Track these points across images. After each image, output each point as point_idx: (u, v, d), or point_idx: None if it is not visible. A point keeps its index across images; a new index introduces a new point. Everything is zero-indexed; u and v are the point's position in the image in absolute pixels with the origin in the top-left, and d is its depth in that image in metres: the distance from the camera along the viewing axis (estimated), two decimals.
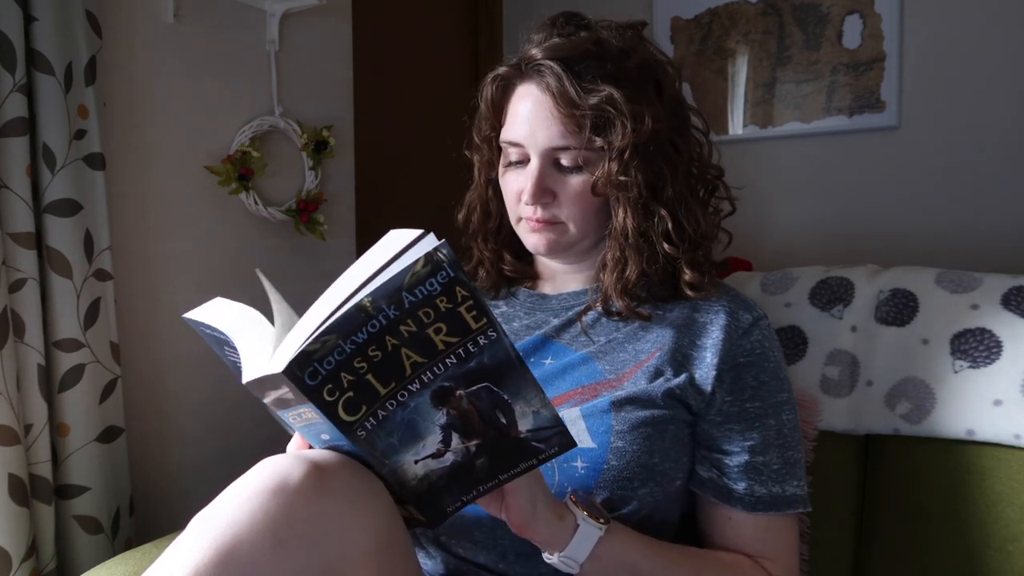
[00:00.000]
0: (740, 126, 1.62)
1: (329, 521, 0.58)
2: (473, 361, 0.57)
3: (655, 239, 0.81)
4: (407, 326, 0.54)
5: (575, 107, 0.78)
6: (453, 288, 0.53)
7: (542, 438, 0.62)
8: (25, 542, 0.95)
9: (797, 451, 0.82)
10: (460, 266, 0.53)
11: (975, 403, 0.94)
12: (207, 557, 0.54)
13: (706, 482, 0.80)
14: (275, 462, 0.60)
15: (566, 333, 0.87)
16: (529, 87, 0.83)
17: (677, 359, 0.80)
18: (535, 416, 0.61)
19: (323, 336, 0.53)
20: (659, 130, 0.80)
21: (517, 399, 0.60)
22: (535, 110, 0.81)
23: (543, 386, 0.82)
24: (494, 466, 0.63)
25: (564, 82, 0.78)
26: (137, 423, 1.16)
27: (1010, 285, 0.98)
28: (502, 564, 0.78)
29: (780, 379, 0.82)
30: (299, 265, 1.41)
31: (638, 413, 0.77)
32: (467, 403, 0.59)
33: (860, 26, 1.49)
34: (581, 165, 0.81)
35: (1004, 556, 0.90)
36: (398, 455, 0.61)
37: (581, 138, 0.79)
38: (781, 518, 0.80)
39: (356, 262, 0.55)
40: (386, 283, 0.52)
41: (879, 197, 1.50)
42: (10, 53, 0.94)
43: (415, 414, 0.59)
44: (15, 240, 0.96)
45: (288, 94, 1.36)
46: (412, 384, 0.57)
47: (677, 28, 1.68)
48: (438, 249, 0.52)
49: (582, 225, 0.84)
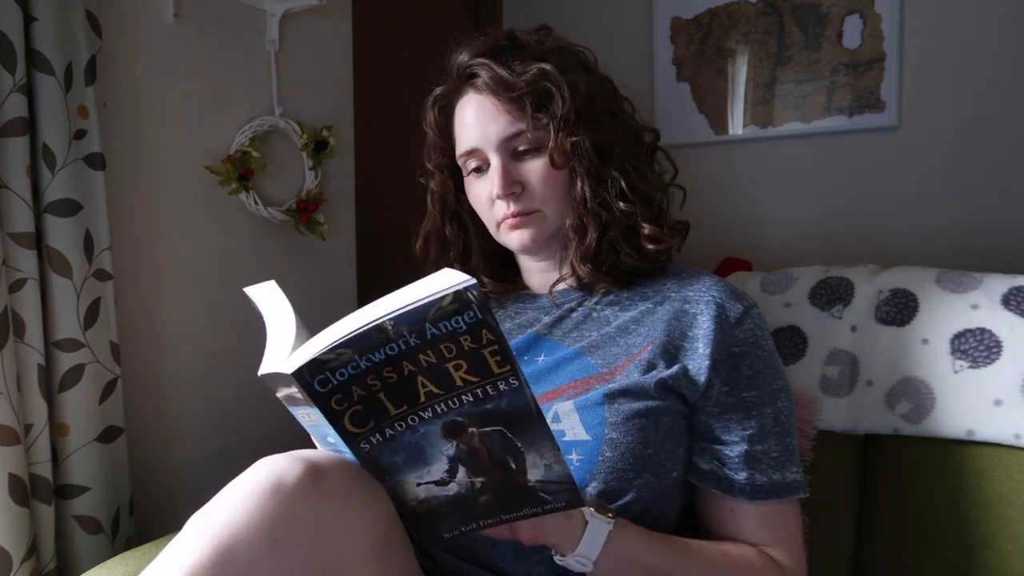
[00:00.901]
0: (740, 126, 1.62)
1: (326, 521, 0.58)
2: (490, 404, 0.56)
3: (611, 200, 0.85)
4: (427, 356, 0.54)
5: (512, 89, 0.83)
6: (479, 330, 0.53)
7: (550, 491, 0.61)
8: (26, 542, 0.95)
9: (793, 438, 0.83)
10: (489, 309, 0.52)
11: (975, 403, 0.94)
12: (204, 556, 0.54)
13: (707, 474, 0.81)
14: (272, 462, 0.60)
15: (557, 330, 0.88)
16: (468, 97, 0.88)
17: (669, 351, 0.81)
18: (547, 470, 0.60)
19: (339, 348, 0.53)
20: (594, 95, 0.86)
21: (531, 450, 0.59)
22: (479, 112, 0.86)
23: (537, 382, 0.83)
24: (497, 505, 0.62)
25: (496, 70, 0.83)
26: (137, 423, 1.16)
27: (1010, 285, 0.98)
28: (502, 563, 0.78)
29: (774, 367, 0.83)
30: (299, 265, 1.41)
31: (631, 404, 0.77)
32: (478, 441, 0.58)
33: (860, 26, 1.49)
34: (537, 147, 0.85)
35: (1004, 556, 0.90)
36: (401, 474, 0.61)
37: (527, 118, 0.83)
38: (783, 505, 0.80)
39: (403, 288, 0.54)
40: (410, 311, 0.52)
41: (879, 197, 1.50)
42: (10, 53, 0.94)
43: (423, 440, 0.58)
44: (15, 240, 0.96)
45: (288, 94, 1.36)
46: (424, 412, 0.57)
47: (677, 28, 1.68)
48: (469, 289, 0.51)
49: (556, 207, 0.86)
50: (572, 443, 0.77)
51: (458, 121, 0.90)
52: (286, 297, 0.67)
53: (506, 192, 0.85)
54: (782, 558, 0.79)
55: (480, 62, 0.85)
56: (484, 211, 0.90)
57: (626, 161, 0.86)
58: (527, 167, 0.85)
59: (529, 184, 0.85)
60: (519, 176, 0.85)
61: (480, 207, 0.91)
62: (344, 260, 1.51)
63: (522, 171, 0.86)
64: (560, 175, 0.85)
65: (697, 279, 0.86)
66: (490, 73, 0.84)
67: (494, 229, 0.91)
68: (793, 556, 0.80)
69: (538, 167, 0.85)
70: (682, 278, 0.87)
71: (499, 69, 0.83)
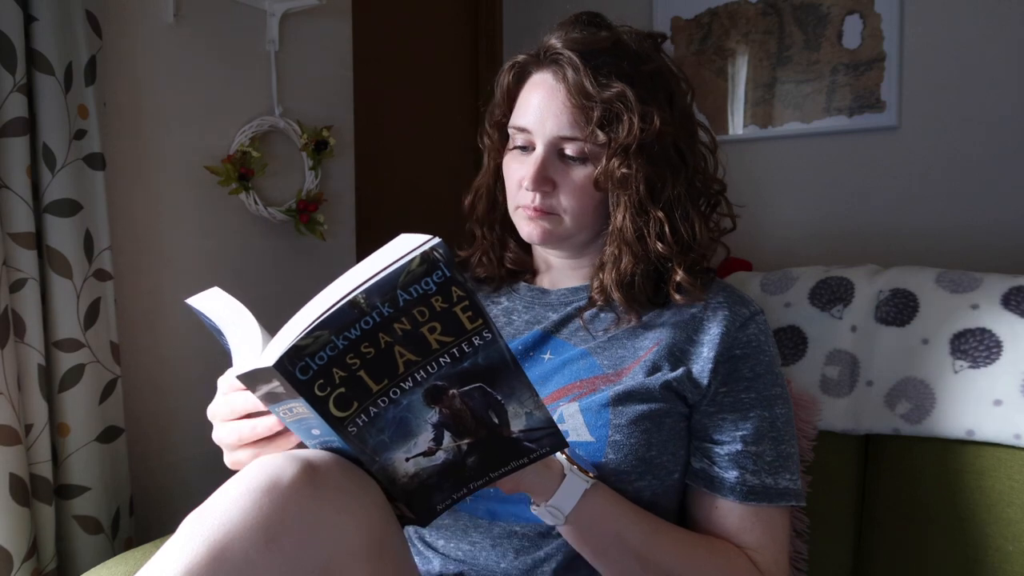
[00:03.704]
0: (740, 126, 1.62)
1: (322, 520, 0.58)
2: (467, 361, 0.57)
3: (648, 238, 0.83)
4: (401, 324, 0.54)
5: (588, 98, 0.80)
6: (449, 288, 0.53)
7: (534, 438, 0.62)
8: (26, 542, 0.95)
9: (791, 446, 0.82)
10: (456, 266, 0.52)
11: (975, 403, 0.94)
12: (199, 556, 0.54)
13: (698, 472, 0.81)
14: (268, 461, 0.60)
15: (565, 328, 0.87)
16: (544, 76, 0.84)
17: (675, 354, 0.81)
18: (528, 417, 0.61)
19: (315, 331, 0.53)
20: (665, 133, 0.81)
21: (510, 400, 0.60)
22: (547, 98, 0.83)
23: (544, 381, 0.83)
24: (485, 464, 0.63)
25: (580, 73, 0.80)
26: (137, 423, 1.16)
27: (1010, 285, 0.98)
28: (503, 563, 0.78)
29: (775, 374, 0.83)
30: (299, 265, 1.41)
31: (636, 407, 0.77)
32: (460, 402, 0.59)
33: (860, 26, 1.49)
34: (585, 158, 0.82)
35: (1004, 556, 0.90)
36: (389, 452, 0.61)
37: (588, 131, 0.80)
38: (769, 510, 0.80)
39: (361, 262, 0.55)
40: (381, 281, 0.52)
41: (879, 197, 1.50)
42: (10, 53, 0.94)
43: (407, 412, 0.59)
44: (15, 240, 0.96)
45: (288, 94, 1.36)
46: (405, 382, 0.57)
47: (677, 28, 1.68)
48: (435, 248, 0.51)
49: (578, 219, 0.84)
50: (576, 444, 0.77)
51: (524, 93, 0.87)
52: (234, 298, 0.67)
53: (536, 187, 0.83)
54: (762, 562, 0.78)
55: (569, 56, 0.81)
56: (511, 189, 0.88)
57: (676, 204, 0.83)
58: (567, 171, 0.83)
59: (562, 187, 0.83)
60: (555, 175, 0.83)
61: (509, 182, 0.89)
62: (344, 260, 1.51)
63: (560, 172, 0.83)
64: (596, 194, 0.83)
65: (705, 285, 0.86)
66: (573, 74, 0.80)
67: (512, 209, 0.89)
68: (775, 562, 0.79)
69: (578, 176, 0.83)
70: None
71: (583, 74, 0.80)
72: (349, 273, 0.54)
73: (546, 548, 0.78)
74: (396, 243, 0.53)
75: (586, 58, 0.81)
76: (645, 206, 0.82)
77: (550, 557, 0.78)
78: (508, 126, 0.88)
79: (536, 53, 0.86)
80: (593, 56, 0.81)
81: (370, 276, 0.52)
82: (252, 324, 0.62)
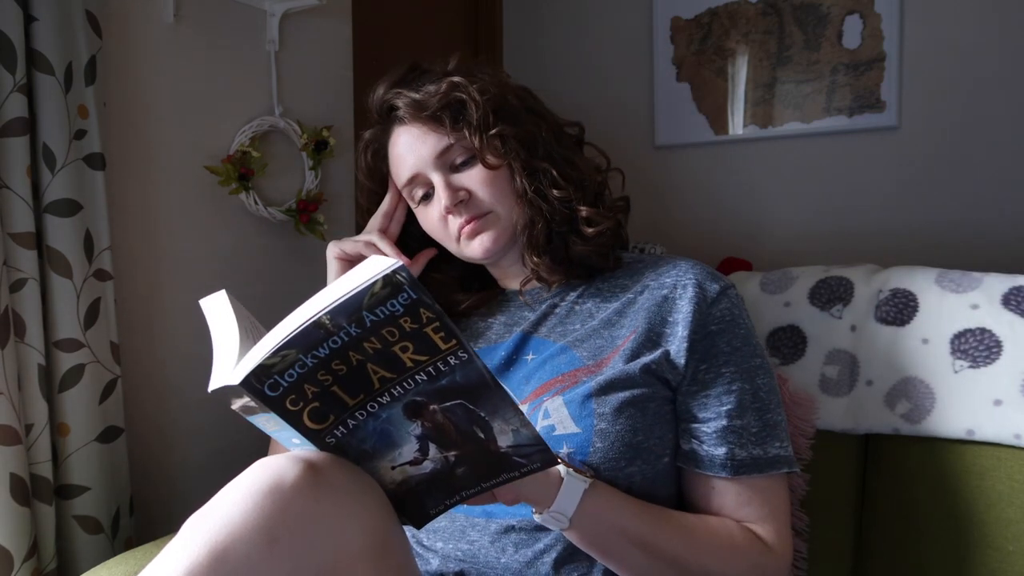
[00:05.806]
0: (740, 126, 1.62)
1: (324, 521, 0.58)
2: (444, 379, 0.57)
3: (546, 190, 0.88)
4: (371, 343, 0.54)
5: (428, 108, 0.87)
6: (416, 309, 0.53)
7: (523, 454, 0.62)
8: (27, 542, 0.95)
9: (777, 414, 0.83)
10: (422, 288, 0.52)
11: (975, 403, 0.94)
12: (201, 557, 0.54)
13: (687, 454, 0.82)
14: (270, 462, 0.60)
15: (543, 326, 0.90)
16: (395, 132, 0.92)
17: (652, 338, 0.83)
18: (515, 434, 0.61)
19: (282, 351, 0.53)
20: (507, 95, 0.90)
21: (495, 417, 0.60)
22: (409, 140, 0.91)
23: (527, 380, 0.84)
24: (475, 475, 0.63)
25: (409, 95, 0.88)
26: (137, 423, 1.16)
27: (1010, 285, 0.98)
28: (503, 558, 0.79)
29: (752, 345, 0.84)
30: (299, 265, 1.41)
31: (619, 395, 0.79)
32: (442, 417, 0.59)
33: (860, 26, 1.49)
34: (471, 156, 0.88)
35: (1004, 556, 0.90)
36: (372, 462, 0.61)
37: (451, 130, 0.87)
38: (765, 480, 0.81)
39: (331, 284, 0.55)
40: (345, 302, 0.52)
41: (879, 197, 1.50)
42: (10, 53, 0.94)
43: (388, 424, 0.59)
44: (15, 240, 0.96)
45: (288, 94, 1.36)
46: (381, 397, 0.57)
47: (677, 28, 1.68)
48: (397, 272, 0.52)
49: (506, 205, 0.89)
50: (563, 437, 0.79)
51: (392, 157, 0.94)
52: (237, 304, 0.67)
53: (453, 201, 0.87)
54: (765, 534, 0.80)
55: (394, 92, 0.90)
56: (441, 232, 0.93)
57: (553, 151, 0.90)
58: (467, 176, 0.89)
59: (474, 191, 0.88)
60: (462, 183, 0.89)
61: (437, 231, 0.93)
62: None
63: (464, 181, 0.89)
64: (500, 175, 0.88)
65: (674, 265, 0.88)
66: (405, 100, 0.88)
67: (455, 246, 0.92)
68: (778, 532, 0.80)
69: (477, 173, 0.88)
70: (659, 266, 0.89)
71: (411, 94, 0.88)
72: (318, 295, 0.55)
73: (545, 540, 0.78)
74: (364, 266, 0.54)
75: (404, 84, 0.91)
76: (531, 162, 0.88)
77: (550, 548, 0.78)
78: (402, 192, 0.95)
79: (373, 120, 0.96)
80: (408, 82, 0.91)
81: (336, 298, 0.53)
82: (234, 337, 0.62)
